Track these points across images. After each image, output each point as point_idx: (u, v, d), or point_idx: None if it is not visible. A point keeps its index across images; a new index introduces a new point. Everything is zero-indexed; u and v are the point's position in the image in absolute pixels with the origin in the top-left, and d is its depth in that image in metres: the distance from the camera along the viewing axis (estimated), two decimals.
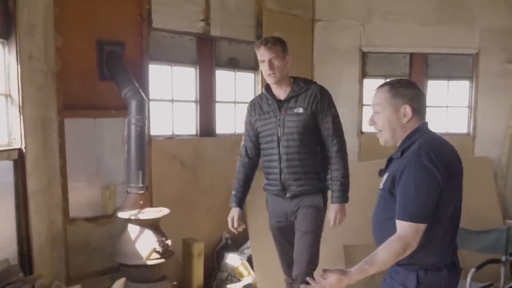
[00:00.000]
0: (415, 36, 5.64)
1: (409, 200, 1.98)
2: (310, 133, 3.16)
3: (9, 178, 3.27)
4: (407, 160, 2.01)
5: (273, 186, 3.28)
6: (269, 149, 3.25)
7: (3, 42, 3.26)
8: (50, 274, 3.58)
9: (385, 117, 2.13)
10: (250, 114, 3.34)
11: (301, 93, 3.16)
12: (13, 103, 3.30)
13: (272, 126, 3.20)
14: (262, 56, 3.12)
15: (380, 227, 2.16)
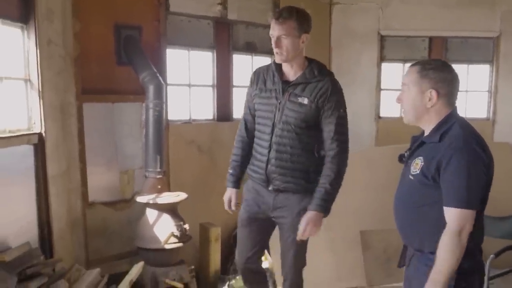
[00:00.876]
0: (435, 19, 5.53)
1: (461, 186, 1.94)
2: (310, 128, 2.75)
3: (30, 162, 3.29)
4: (454, 146, 1.97)
5: (257, 174, 2.87)
6: (261, 132, 2.85)
7: (22, 26, 3.26)
8: (70, 257, 3.63)
9: (410, 98, 2.10)
10: (252, 85, 2.91)
11: (311, 82, 2.72)
12: (33, 88, 3.31)
13: (270, 108, 2.78)
14: (272, 31, 2.68)
15: (416, 213, 2.11)
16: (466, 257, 1.99)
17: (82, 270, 3.24)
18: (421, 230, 2.10)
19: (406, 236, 2.21)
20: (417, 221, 2.10)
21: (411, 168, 2.09)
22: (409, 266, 2.23)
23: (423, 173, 2.03)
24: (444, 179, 1.97)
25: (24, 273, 2.80)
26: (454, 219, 1.95)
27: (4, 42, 3.09)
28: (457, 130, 2.02)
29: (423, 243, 2.10)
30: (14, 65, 3.23)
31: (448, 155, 1.95)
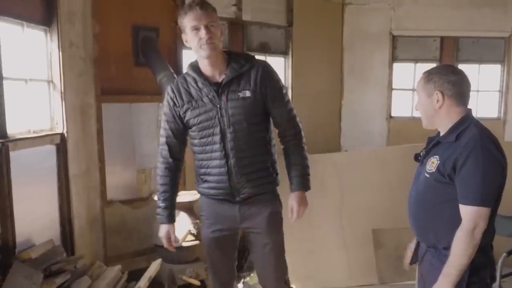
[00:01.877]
0: (446, 20, 5.60)
1: (477, 185, 2.00)
2: (260, 121, 2.56)
3: (52, 162, 3.38)
4: (471, 145, 2.04)
5: (216, 190, 2.60)
6: (208, 145, 2.56)
7: (46, 29, 3.35)
8: (90, 254, 3.72)
9: (421, 103, 2.21)
10: (175, 103, 2.56)
11: (244, 72, 2.51)
12: (55, 89, 3.40)
13: (210, 116, 2.50)
14: (196, 21, 2.39)
15: (431, 211, 2.18)
16: (478, 252, 2.05)
17: (103, 267, 3.33)
18: (436, 227, 2.16)
19: (421, 233, 2.27)
20: (432, 218, 2.17)
21: (427, 166, 2.17)
22: (422, 262, 2.30)
23: (439, 171, 2.10)
24: (460, 177, 2.03)
25: (49, 269, 2.88)
26: (469, 217, 2.01)
27: (29, 45, 3.18)
28: (473, 131, 2.09)
29: (438, 240, 2.16)
30: (38, 67, 3.31)
31: (464, 154, 2.02)
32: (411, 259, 2.42)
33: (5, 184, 2.78)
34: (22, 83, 3.12)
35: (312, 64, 5.48)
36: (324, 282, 4.51)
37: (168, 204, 2.66)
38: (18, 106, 3.09)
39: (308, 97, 5.47)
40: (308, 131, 5.47)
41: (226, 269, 2.83)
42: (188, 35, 2.45)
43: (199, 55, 2.48)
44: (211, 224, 2.68)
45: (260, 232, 2.65)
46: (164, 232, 2.67)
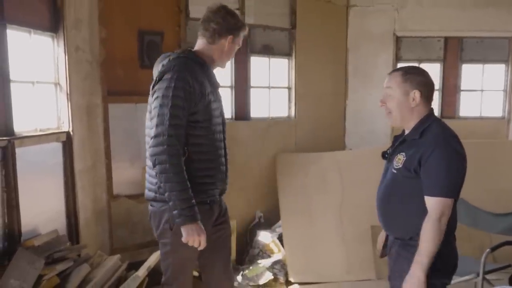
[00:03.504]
0: (450, 20, 5.66)
1: (441, 177, 2.15)
2: None
3: (59, 158, 3.63)
4: (435, 142, 2.19)
5: (211, 190, 2.53)
6: (217, 141, 2.51)
7: (52, 35, 3.60)
8: (95, 244, 3.97)
9: (394, 100, 2.31)
10: (201, 92, 2.40)
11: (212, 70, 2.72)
12: (62, 91, 3.65)
13: (221, 111, 2.62)
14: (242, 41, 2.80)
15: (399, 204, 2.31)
16: (444, 242, 2.21)
17: (104, 256, 3.57)
18: (403, 219, 2.31)
19: (388, 226, 2.43)
20: (399, 211, 2.32)
21: (394, 163, 2.31)
22: (390, 253, 2.46)
23: (406, 166, 2.24)
24: (425, 171, 2.18)
25: (51, 257, 3.12)
26: (435, 207, 2.16)
27: (36, 50, 3.44)
28: (436, 128, 2.26)
29: (405, 231, 2.31)
30: (45, 70, 3.57)
31: (429, 150, 2.17)
32: (381, 252, 2.61)
33: (11, 178, 3.02)
34: (29, 86, 3.38)
35: (316, 65, 5.62)
36: (323, 276, 4.67)
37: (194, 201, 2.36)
38: (26, 107, 3.34)
39: (312, 97, 5.61)
40: (313, 131, 5.71)
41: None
42: (232, 45, 2.65)
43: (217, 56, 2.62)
44: None
45: (227, 224, 2.77)
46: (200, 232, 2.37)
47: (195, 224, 2.35)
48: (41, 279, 2.91)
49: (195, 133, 2.41)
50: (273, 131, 5.39)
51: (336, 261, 4.75)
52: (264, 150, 5.31)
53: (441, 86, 5.93)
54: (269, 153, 5.32)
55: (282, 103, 5.59)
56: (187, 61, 2.46)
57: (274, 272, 4.49)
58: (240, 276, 4.43)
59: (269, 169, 5.31)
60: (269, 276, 4.40)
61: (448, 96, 5.91)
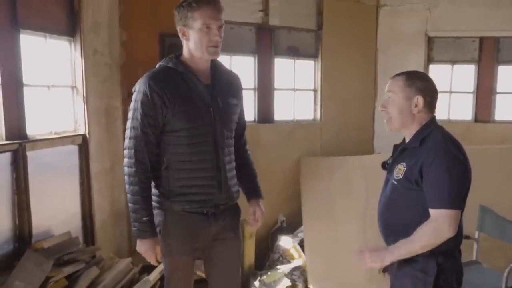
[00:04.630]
0: (486, 19, 5.41)
1: (444, 188, 2.04)
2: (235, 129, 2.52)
3: (74, 160, 3.68)
4: (435, 150, 2.07)
5: (196, 203, 2.36)
6: (198, 153, 2.33)
7: (70, 39, 3.65)
8: (112, 246, 4.01)
9: (396, 104, 2.19)
10: (165, 102, 2.24)
11: (229, 79, 2.48)
12: (78, 94, 3.69)
13: (205, 121, 2.32)
14: (211, 19, 2.25)
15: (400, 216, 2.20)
16: (445, 256, 2.13)
17: (116, 258, 3.58)
18: (405, 232, 2.16)
19: (390, 238, 2.29)
20: (400, 224, 2.20)
21: (394, 173, 2.21)
22: (390, 268, 2.31)
23: (407, 177, 2.13)
24: (427, 182, 2.07)
25: (62, 259, 3.16)
26: (441, 219, 2.04)
27: (52, 54, 3.49)
28: (436, 136, 2.14)
29: None
30: (62, 74, 3.62)
31: (430, 159, 2.06)
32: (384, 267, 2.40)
33: (21, 181, 3.08)
34: (45, 89, 3.44)
35: (343, 66, 5.50)
36: (344, 284, 4.55)
37: (151, 217, 2.34)
38: (41, 110, 3.40)
39: (339, 99, 5.50)
40: (339, 134, 5.58)
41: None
42: (195, 30, 2.27)
43: (197, 53, 2.31)
44: (188, 242, 2.42)
45: (232, 240, 2.55)
46: (151, 247, 2.35)
47: (143, 240, 2.34)
48: (48, 281, 2.95)
49: (173, 142, 2.32)
50: (297, 134, 5.30)
51: (358, 268, 4.61)
52: (288, 153, 5.23)
53: (475, 88, 5.69)
54: (293, 156, 5.24)
55: (308, 105, 5.50)
56: (156, 72, 2.42)
57: (292, 279, 4.40)
58: (258, 281, 4.38)
59: (293, 172, 5.23)
60: (287, 283, 4.31)
61: (482, 99, 5.65)
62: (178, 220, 2.39)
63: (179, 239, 2.41)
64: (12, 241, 3.08)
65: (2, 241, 3.02)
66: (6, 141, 3.00)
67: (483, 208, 3.81)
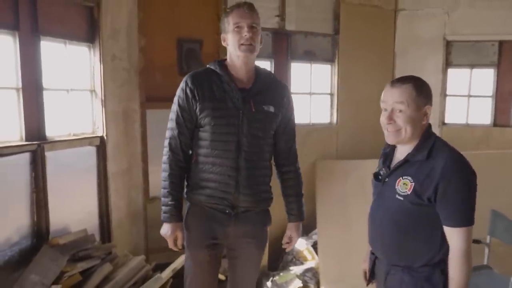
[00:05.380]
0: (505, 23, 5.36)
1: (464, 205, 1.95)
2: (271, 138, 2.57)
3: (92, 161, 3.84)
4: (452, 166, 1.94)
5: (213, 198, 2.47)
6: (219, 149, 2.44)
7: (89, 45, 3.82)
8: (129, 245, 4.15)
9: (408, 116, 2.00)
10: (195, 96, 2.43)
11: (271, 87, 2.53)
12: (97, 97, 3.86)
13: (231, 121, 2.42)
14: (241, 19, 2.39)
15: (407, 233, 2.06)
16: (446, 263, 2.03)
17: (129, 256, 3.72)
18: (412, 248, 2.08)
19: (392, 253, 2.15)
20: (407, 240, 2.07)
21: (398, 188, 2.04)
22: (386, 279, 2.20)
23: (417, 193, 1.99)
24: (446, 199, 1.95)
25: (77, 255, 3.32)
26: (463, 238, 1.96)
27: (72, 59, 3.66)
28: (443, 147, 2.02)
29: (413, 260, 2.08)
30: (82, 78, 3.79)
31: (448, 176, 1.93)
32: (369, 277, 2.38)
33: (40, 180, 3.26)
34: (64, 93, 3.61)
35: (360, 71, 5.53)
36: (356, 287, 4.58)
37: (177, 202, 2.51)
38: (60, 113, 3.57)
39: (355, 103, 5.53)
40: (355, 137, 5.61)
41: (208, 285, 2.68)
42: (229, 33, 2.41)
43: (234, 55, 2.44)
44: (205, 235, 2.54)
45: (253, 247, 2.60)
46: (172, 231, 2.52)
47: (166, 223, 2.54)
48: (63, 276, 3.10)
49: (200, 137, 2.48)
50: (313, 137, 5.37)
51: None
52: (304, 156, 5.23)
53: (494, 92, 5.63)
54: (309, 159, 5.30)
55: (324, 109, 5.55)
56: (197, 71, 2.58)
57: (304, 280, 4.46)
58: (270, 282, 4.45)
59: (309, 175, 5.27)
60: (298, 284, 4.38)
61: (502, 103, 5.59)
62: (199, 213, 2.54)
63: (198, 232, 2.56)
64: (30, 237, 3.26)
65: (20, 236, 3.20)
66: (26, 142, 3.18)
67: (495, 212, 3.78)
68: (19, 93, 3.15)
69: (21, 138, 3.19)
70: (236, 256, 2.66)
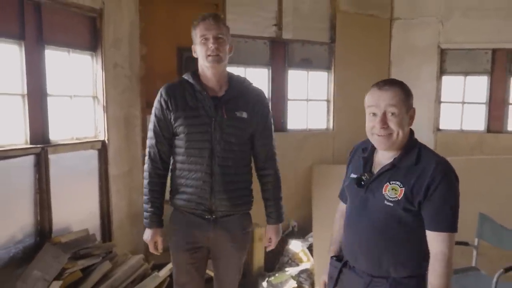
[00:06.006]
0: (498, 31, 5.50)
1: (451, 211, 1.93)
2: (247, 143, 2.64)
3: (94, 164, 4.01)
4: (442, 171, 1.91)
5: (191, 203, 2.58)
6: (194, 156, 2.53)
7: (92, 54, 4.01)
8: (129, 245, 4.31)
9: (398, 119, 1.95)
10: (168, 107, 2.55)
11: (243, 93, 2.60)
12: (99, 103, 4.04)
13: (203, 128, 2.51)
14: (206, 31, 2.47)
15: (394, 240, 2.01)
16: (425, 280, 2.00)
17: (128, 255, 3.88)
18: (398, 257, 2.03)
19: (373, 262, 2.07)
20: (391, 247, 2.02)
21: (387, 194, 1.99)
22: None
23: (407, 199, 1.94)
24: (432, 204, 1.92)
25: (78, 253, 3.48)
26: (446, 244, 1.93)
27: (75, 67, 3.85)
28: (431, 153, 2.01)
29: (396, 269, 2.03)
30: (84, 85, 3.97)
31: (437, 180, 1.90)
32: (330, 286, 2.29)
33: (43, 181, 3.43)
34: (67, 99, 3.79)
35: (356, 78, 5.66)
36: None
37: (157, 209, 2.66)
38: (63, 118, 3.75)
39: (351, 110, 5.65)
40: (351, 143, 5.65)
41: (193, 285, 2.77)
42: (197, 44, 2.52)
43: (203, 66, 2.54)
44: (185, 237, 2.65)
45: (233, 250, 2.66)
46: (151, 236, 2.67)
47: (147, 229, 2.71)
48: (64, 272, 3.26)
49: (177, 145, 2.60)
50: (310, 143, 5.52)
51: None
52: (300, 161, 5.46)
53: (488, 99, 5.77)
54: (305, 164, 5.46)
55: (320, 115, 5.71)
56: (171, 83, 2.70)
57: (299, 281, 4.59)
58: (266, 282, 4.59)
59: (305, 179, 5.44)
60: (293, 284, 4.51)
61: (495, 110, 5.73)
62: (180, 217, 2.67)
63: (178, 236, 2.68)
64: (33, 236, 3.43)
65: (24, 235, 3.38)
66: (30, 145, 3.37)
67: (483, 216, 3.89)
68: (24, 99, 3.34)
69: (26, 141, 3.37)
70: (217, 258, 2.73)
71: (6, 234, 3.26)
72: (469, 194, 4.01)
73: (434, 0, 5.74)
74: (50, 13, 3.51)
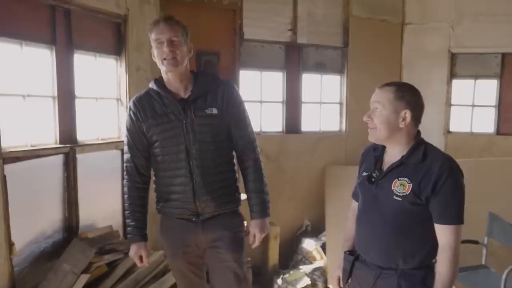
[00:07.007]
0: (508, 36, 5.61)
1: (458, 204, 2.04)
2: (225, 139, 2.57)
3: (118, 163, 4.17)
4: (448, 167, 2.03)
5: (179, 209, 2.56)
6: (172, 162, 2.50)
7: (116, 58, 4.18)
8: (150, 241, 4.38)
9: (383, 116, 2.10)
10: (138, 118, 2.51)
11: (210, 90, 2.51)
12: (122, 105, 4.20)
13: (175, 132, 2.47)
14: (160, 34, 2.42)
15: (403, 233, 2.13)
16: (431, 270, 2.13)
17: (150, 251, 4.02)
18: (406, 249, 2.13)
19: (385, 256, 2.18)
20: (401, 241, 2.13)
21: (396, 189, 2.10)
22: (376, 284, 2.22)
23: (415, 193, 2.05)
24: (440, 198, 2.03)
25: (104, 248, 3.64)
26: (453, 236, 2.04)
27: (101, 71, 4.02)
28: (435, 150, 2.13)
29: (406, 261, 2.13)
30: (109, 87, 4.14)
31: (444, 175, 2.02)
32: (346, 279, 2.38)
33: (71, 179, 3.60)
34: (93, 101, 3.96)
35: (369, 82, 5.70)
36: None
37: (139, 223, 2.63)
38: (89, 119, 3.92)
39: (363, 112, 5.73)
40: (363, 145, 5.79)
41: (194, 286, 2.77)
42: (154, 49, 2.48)
43: (162, 70, 2.50)
44: (176, 242, 2.64)
45: (222, 251, 2.60)
46: (135, 251, 2.62)
47: (131, 244, 2.68)
48: (91, 266, 3.42)
49: (154, 154, 2.56)
50: (323, 144, 5.67)
51: None
52: (313, 162, 5.60)
53: (497, 102, 5.88)
54: (319, 165, 5.61)
55: (333, 118, 5.86)
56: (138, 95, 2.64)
57: (313, 278, 4.74)
58: (280, 279, 4.73)
59: (318, 180, 5.59)
60: (307, 281, 4.66)
61: (506, 113, 5.83)
62: (170, 223, 2.66)
63: (170, 242, 2.68)
64: (62, 231, 3.61)
65: (53, 230, 3.56)
66: (60, 145, 3.54)
67: (492, 215, 4.01)
68: (54, 101, 3.52)
69: (55, 141, 3.55)
70: (211, 259, 2.67)
71: (37, 229, 3.43)
72: (479, 195, 4.14)
73: (444, 6, 5.86)
74: (79, 19, 3.69)
